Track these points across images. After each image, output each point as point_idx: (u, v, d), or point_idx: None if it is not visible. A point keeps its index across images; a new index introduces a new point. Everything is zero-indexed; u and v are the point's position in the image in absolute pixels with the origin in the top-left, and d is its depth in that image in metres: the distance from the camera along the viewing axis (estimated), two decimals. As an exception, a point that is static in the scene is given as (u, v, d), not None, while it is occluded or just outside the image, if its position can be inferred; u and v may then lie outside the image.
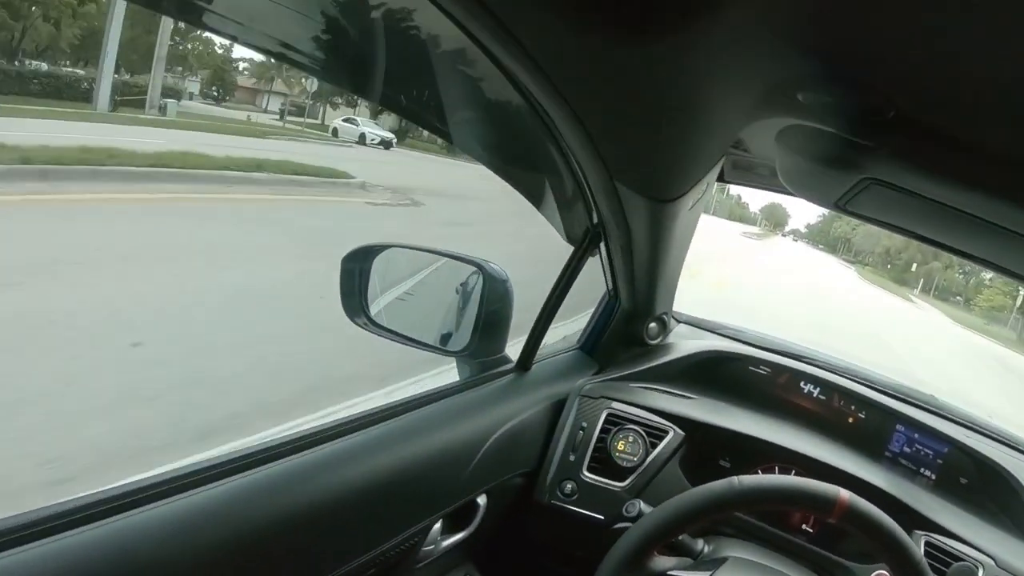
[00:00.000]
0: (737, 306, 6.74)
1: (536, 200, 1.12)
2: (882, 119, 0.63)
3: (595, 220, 1.11)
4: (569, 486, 1.19)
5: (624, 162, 0.87)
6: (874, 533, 0.80)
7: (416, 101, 0.87)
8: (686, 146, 0.84)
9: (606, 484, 1.19)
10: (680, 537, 0.97)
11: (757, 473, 1.24)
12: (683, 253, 1.27)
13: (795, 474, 1.22)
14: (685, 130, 0.79)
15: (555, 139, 0.86)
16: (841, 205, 0.86)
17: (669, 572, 0.85)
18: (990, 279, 24.20)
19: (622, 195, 0.95)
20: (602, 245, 1.16)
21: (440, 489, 1.00)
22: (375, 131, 17.13)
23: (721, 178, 1.33)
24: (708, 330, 1.63)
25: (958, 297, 29.47)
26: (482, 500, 1.10)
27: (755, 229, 42.91)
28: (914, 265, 30.84)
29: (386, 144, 17.01)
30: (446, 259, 1.23)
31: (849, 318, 12.40)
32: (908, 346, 10.98)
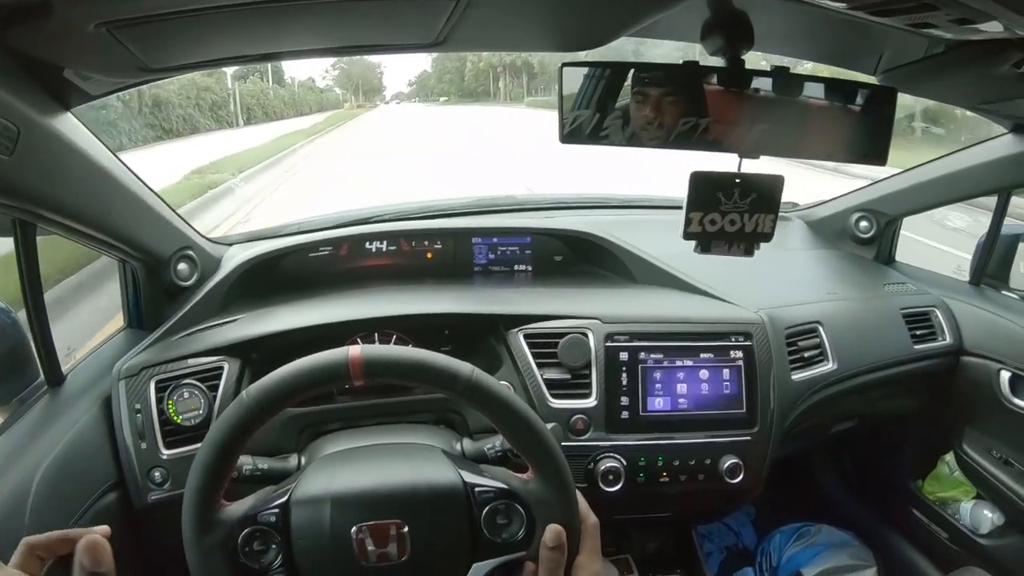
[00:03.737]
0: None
1: None
2: None
3: None
4: (158, 474, 1.09)
5: None
6: (407, 373, 0.73)
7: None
8: None
9: (190, 452, 1.08)
10: (263, 467, 0.90)
11: None
12: (130, 180, 1.11)
13: (395, 341, 1.23)
14: None
15: None
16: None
17: (250, 513, 0.75)
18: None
19: None
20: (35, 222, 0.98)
21: (4, 558, 0.88)
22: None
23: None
24: (263, 238, 1.53)
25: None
26: None
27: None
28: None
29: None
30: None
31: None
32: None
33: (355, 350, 0.71)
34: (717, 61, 0.82)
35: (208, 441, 0.72)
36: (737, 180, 0.85)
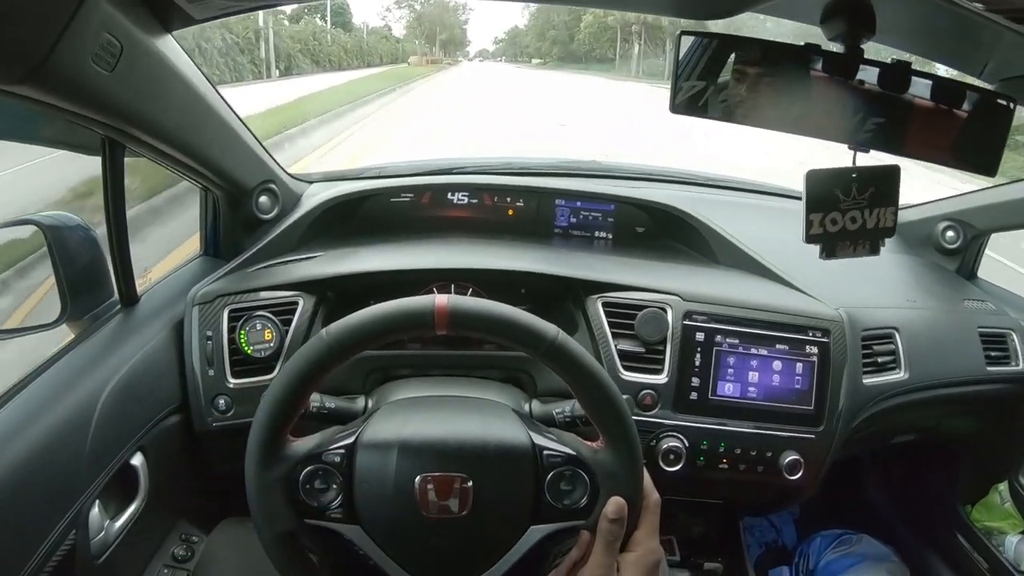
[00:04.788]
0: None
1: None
2: None
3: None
4: (222, 402, 1.11)
5: None
6: (493, 328, 0.72)
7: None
8: None
9: (257, 382, 1.12)
10: (330, 406, 0.90)
11: None
12: (222, 109, 1.12)
13: (471, 293, 1.22)
14: None
15: None
16: None
17: (315, 451, 0.75)
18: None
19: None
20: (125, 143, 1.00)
21: (68, 471, 0.87)
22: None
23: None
24: (344, 179, 1.53)
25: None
26: (137, 460, 1.01)
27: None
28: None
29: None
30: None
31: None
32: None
33: (442, 299, 0.71)
34: (835, 46, 0.80)
35: (283, 374, 0.73)
36: (854, 175, 0.83)
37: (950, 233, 1.56)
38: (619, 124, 12.95)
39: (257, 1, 0.98)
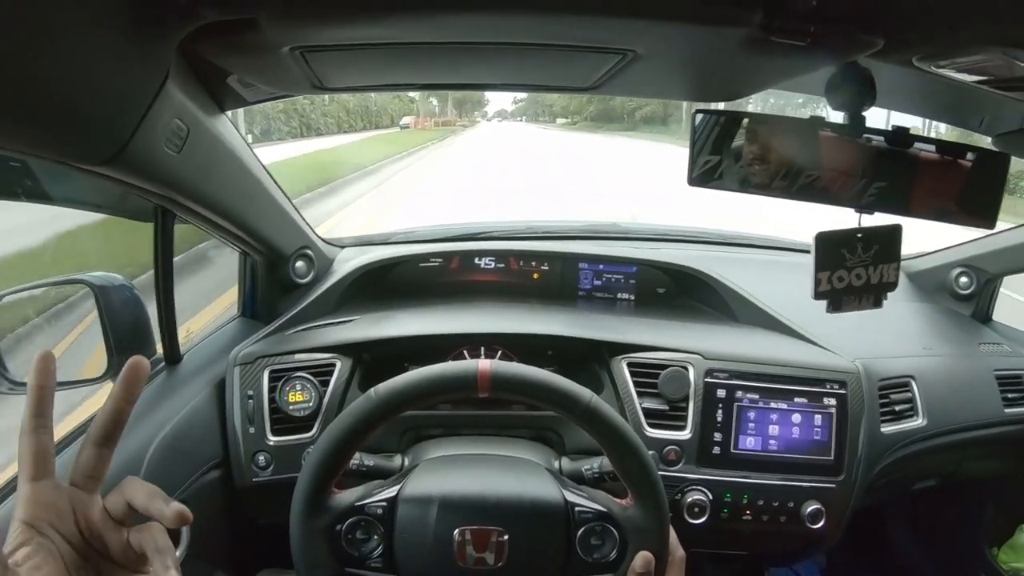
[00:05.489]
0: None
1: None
2: None
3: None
4: (262, 458, 1.15)
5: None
6: (531, 392, 0.77)
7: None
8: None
9: (295, 440, 1.15)
10: (369, 464, 0.95)
11: None
12: (265, 179, 1.17)
13: (500, 356, 1.25)
14: None
15: None
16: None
17: (358, 503, 0.80)
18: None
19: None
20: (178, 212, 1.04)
21: None
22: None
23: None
24: (375, 244, 1.59)
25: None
26: None
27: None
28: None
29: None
30: (44, 289, 1.13)
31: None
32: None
33: (484, 364, 0.76)
34: (837, 116, 0.85)
35: (332, 429, 0.77)
36: (859, 235, 0.87)
37: (964, 279, 1.59)
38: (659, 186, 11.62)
39: (298, 90, 1.05)
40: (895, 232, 0.90)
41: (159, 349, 1.16)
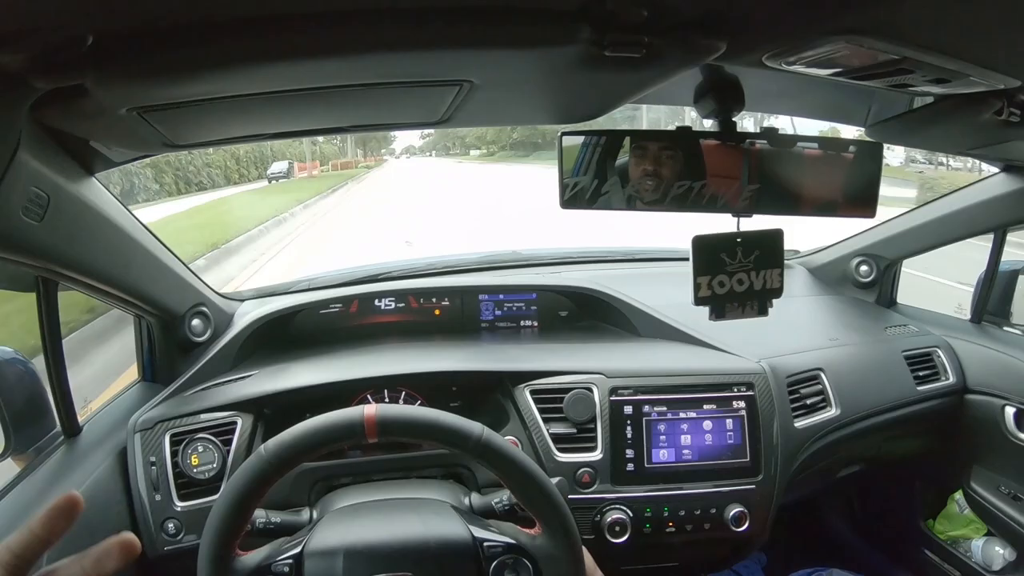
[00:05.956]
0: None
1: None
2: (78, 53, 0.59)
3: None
4: (171, 525, 1.10)
5: None
6: (420, 432, 0.76)
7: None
8: None
9: (204, 504, 1.11)
10: (276, 521, 0.91)
11: None
12: (146, 239, 1.13)
13: (404, 397, 1.25)
14: None
15: None
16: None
17: (264, 563, 0.77)
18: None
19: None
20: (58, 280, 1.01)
21: None
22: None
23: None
24: (276, 294, 1.56)
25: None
26: None
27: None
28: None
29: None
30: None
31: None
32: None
33: (370, 409, 0.75)
34: (710, 124, 0.86)
35: (225, 493, 0.75)
36: (738, 239, 0.88)
37: (864, 268, 1.65)
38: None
39: (153, 149, 1.03)
40: (776, 237, 0.91)
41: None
